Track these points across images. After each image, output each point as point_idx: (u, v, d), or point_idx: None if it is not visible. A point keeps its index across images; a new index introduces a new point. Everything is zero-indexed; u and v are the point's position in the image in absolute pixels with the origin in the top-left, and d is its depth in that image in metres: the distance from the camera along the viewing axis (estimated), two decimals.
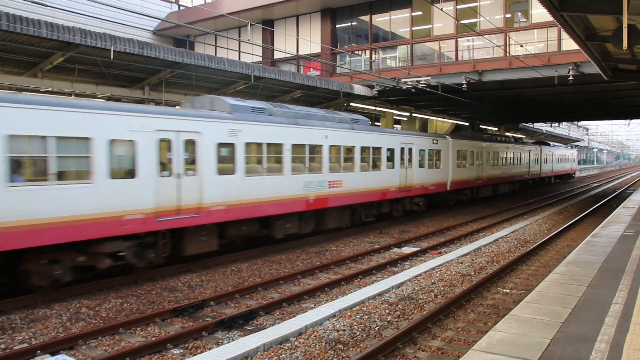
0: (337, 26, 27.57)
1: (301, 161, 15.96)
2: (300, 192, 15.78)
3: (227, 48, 28.13)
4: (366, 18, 26.34)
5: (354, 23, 27.35)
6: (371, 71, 24.52)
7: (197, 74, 17.37)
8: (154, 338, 8.45)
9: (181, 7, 33.94)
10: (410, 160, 21.96)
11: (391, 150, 20.62)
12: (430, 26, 24.44)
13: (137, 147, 11.28)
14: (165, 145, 11.91)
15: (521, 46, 20.45)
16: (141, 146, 11.34)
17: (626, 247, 11.57)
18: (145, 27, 29.21)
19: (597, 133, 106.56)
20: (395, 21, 25.62)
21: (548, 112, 39.23)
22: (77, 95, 15.83)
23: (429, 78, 21.70)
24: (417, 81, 21.85)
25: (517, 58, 20.23)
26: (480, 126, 41.07)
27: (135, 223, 11.23)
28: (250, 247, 15.35)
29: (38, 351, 7.61)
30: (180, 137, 12.19)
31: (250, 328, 8.88)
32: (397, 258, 14.36)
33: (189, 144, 12.43)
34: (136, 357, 7.58)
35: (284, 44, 28.75)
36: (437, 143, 24.65)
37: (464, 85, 21.86)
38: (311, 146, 16.30)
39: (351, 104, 25.64)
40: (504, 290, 11.34)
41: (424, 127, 33.90)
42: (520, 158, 37.79)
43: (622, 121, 57.08)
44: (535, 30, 21.96)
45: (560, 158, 50.97)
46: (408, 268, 13.40)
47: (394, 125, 31.90)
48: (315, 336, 8.15)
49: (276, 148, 15.12)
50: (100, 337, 8.42)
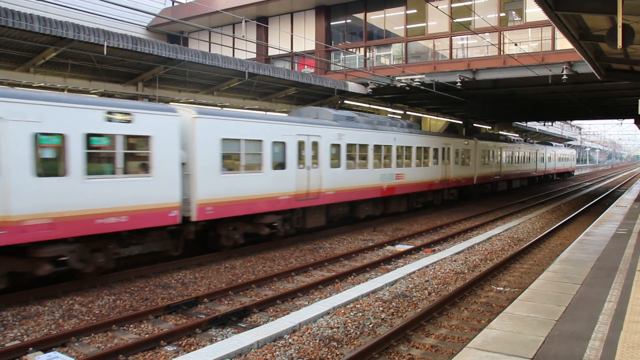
0: (332, 23, 27.52)
1: (378, 158, 20.31)
2: (378, 182, 20.21)
3: (221, 44, 27.99)
4: (361, 16, 26.32)
5: (349, 21, 27.32)
6: (365, 69, 24.52)
7: (191, 71, 17.28)
8: (147, 335, 8.40)
9: (175, 3, 33.77)
10: (449, 157, 26.81)
11: (435, 149, 25.35)
12: (424, 24, 24.44)
13: (286, 147, 15.53)
14: (301, 145, 16.12)
15: (515, 45, 20.48)
16: (288, 146, 15.58)
17: (619, 246, 11.64)
18: (138, 23, 29.04)
19: (590, 132, 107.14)
20: (389, 19, 25.61)
21: (542, 111, 39.39)
22: (70, 90, 15.70)
23: (423, 76, 21.69)
24: (412, 79, 21.84)
25: (512, 57, 20.27)
26: (474, 125, 41.19)
27: (284, 202, 15.47)
28: (245, 245, 15.33)
29: (30, 348, 7.55)
30: (309, 140, 16.49)
31: (244, 325, 8.85)
32: (391, 256, 14.37)
33: (314, 145, 16.68)
34: (129, 354, 7.53)
35: (279, 41, 28.68)
36: (467, 144, 29.63)
37: (458, 83, 21.88)
38: (385, 146, 20.82)
39: (345, 102, 25.62)
40: (498, 288, 11.37)
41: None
42: (529, 157, 42.58)
43: (615, 121, 57.63)
44: (529, 29, 22.01)
45: (561, 157, 55.90)
46: (402, 266, 13.41)
47: None
48: (309, 333, 8.14)
49: (363, 148, 19.39)
50: (93, 334, 8.36)
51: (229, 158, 13.84)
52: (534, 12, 21.01)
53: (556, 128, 65.60)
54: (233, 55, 29.08)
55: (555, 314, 6.71)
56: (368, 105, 27.58)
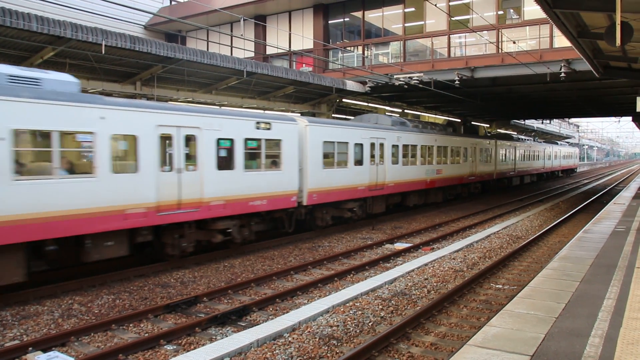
0: (330, 22, 27.51)
1: (424, 156, 24.17)
2: (423, 176, 24.04)
3: (219, 43, 27.96)
4: (359, 14, 26.31)
5: (347, 19, 27.31)
6: (364, 67, 24.51)
7: (189, 69, 17.26)
8: (147, 334, 8.40)
9: (173, 2, 33.71)
10: (475, 156, 30.82)
11: (465, 149, 29.40)
12: (422, 22, 24.45)
13: (363, 147, 19.31)
14: (372, 146, 19.90)
15: (513, 43, 20.50)
16: (364, 147, 19.40)
17: (618, 243, 11.65)
18: (136, 22, 28.95)
19: (588, 130, 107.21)
20: (387, 17, 25.61)
21: (540, 109, 39.43)
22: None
23: (422, 74, 21.70)
24: (410, 77, 21.85)
25: (510, 55, 20.29)
26: (472, 123, 41.23)
27: (361, 192, 19.16)
28: (242, 244, 15.33)
29: (30, 348, 7.53)
30: (378, 141, 20.32)
31: (243, 324, 8.85)
32: (390, 254, 14.37)
33: (381, 146, 20.50)
34: (129, 354, 7.53)
35: (277, 40, 28.65)
36: (489, 144, 33.61)
37: (457, 81, 21.90)
38: (429, 146, 24.60)
39: (344, 100, 25.62)
40: (497, 285, 11.38)
41: None
42: (538, 155, 46.63)
43: (613, 118, 57.93)
44: (527, 27, 22.04)
45: (565, 155, 60.01)
46: (401, 264, 13.41)
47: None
48: (308, 332, 8.14)
49: (414, 148, 23.20)
50: (92, 334, 8.35)
51: (327, 157, 17.56)
52: (532, 10, 21.02)
53: (554, 126, 65.68)
54: (231, 54, 29.02)
55: (554, 311, 6.72)
56: (366, 103, 27.58)
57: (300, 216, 16.86)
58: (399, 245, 16.10)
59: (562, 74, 19.82)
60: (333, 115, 26.30)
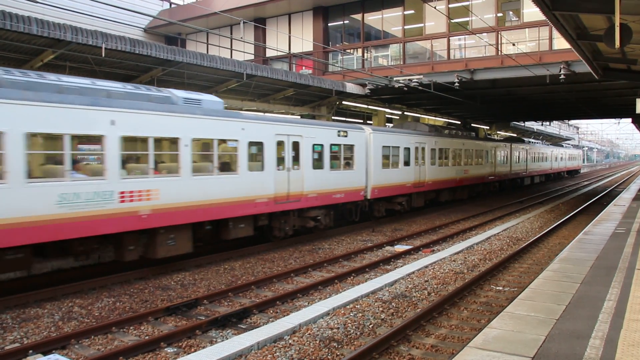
0: (329, 24, 27.53)
1: (454, 158, 27.50)
2: (454, 175, 27.41)
3: (219, 46, 28.01)
4: (358, 16, 26.32)
5: (346, 21, 27.33)
6: (363, 69, 24.52)
7: (189, 72, 17.28)
8: (147, 337, 8.40)
9: (173, 5, 33.76)
10: (495, 158, 34.36)
11: (487, 151, 32.86)
12: (422, 25, 24.46)
13: (410, 151, 22.73)
14: (416, 149, 23.29)
15: (513, 45, 20.51)
16: (411, 150, 22.83)
17: (618, 245, 11.65)
18: (136, 25, 29.01)
19: (587, 132, 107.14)
20: (387, 20, 25.63)
21: (539, 111, 39.46)
22: None
23: (421, 76, 21.72)
24: (410, 79, 21.87)
25: (509, 57, 20.30)
26: (472, 125, 41.25)
27: (407, 188, 22.51)
28: (243, 246, 15.32)
29: (30, 351, 7.53)
30: (420, 145, 23.65)
31: (244, 326, 8.85)
32: (390, 256, 14.37)
33: (422, 149, 23.85)
34: (129, 356, 7.52)
35: (276, 42, 28.68)
36: (506, 147, 37.10)
37: (456, 83, 21.91)
38: (458, 150, 28.03)
39: (343, 102, 25.63)
40: (497, 287, 11.38)
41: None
42: (546, 157, 49.88)
43: (612, 120, 58.01)
44: (527, 29, 22.05)
45: (570, 157, 63.31)
46: (401, 266, 13.41)
47: (386, 123, 32.02)
48: (309, 334, 8.14)
49: (446, 151, 26.64)
50: (93, 336, 8.35)
51: (384, 159, 20.67)
52: (532, 12, 21.04)
53: (554, 128, 65.77)
54: (231, 56, 29.10)
55: (555, 313, 6.72)
56: (366, 106, 27.59)
57: (364, 208, 20.17)
58: (399, 247, 16.10)
59: (562, 76, 19.84)
60: (333, 117, 26.32)
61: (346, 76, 24.35)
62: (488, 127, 46.26)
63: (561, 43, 19.65)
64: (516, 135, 54.08)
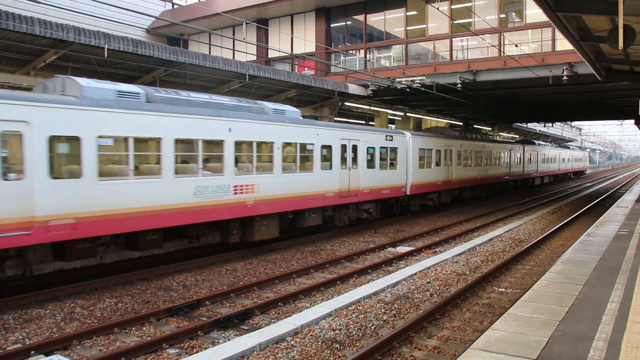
0: (332, 25, 27.53)
1: (476, 159, 30.07)
2: (475, 175, 29.95)
3: (222, 47, 28.01)
4: (361, 17, 26.32)
5: (349, 22, 27.33)
6: (366, 71, 24.51)
7: (192, 73, 17.28)
8: (149, 338, 8.39)
9: (175, 6, 33.79)
10: (510, 159, 36.73)
11: (503, 153, 35.02)
12: (424, 26, 24.44)
13: (440, 152, 25.10)
14: (446, 151, 25.88)
15: (516, 46, 20.49)
16: (441, 152, 25.27)
17: (621, 246, 11.62)
18: (139, 26, 29.05)
19: (590, 133, 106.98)
20: (389, 21, 25.62)
21: (542, 112, 39.39)
22: None
23: (424, 78, 21.70)
24: (412, 81, 21.85)
25: (512, 58, 20.26)
26: (474, 126, 41.23)
27: (438, 186, 24.83)
28: (244, 247, 15.32)
29: (32, 351, 7.53)
30: (449, 148, 26.34)
31: (246, 327, 8.84)
32: (392, 257, 14.35)
33: (450, 151, 26.34)
34: (131, 357, 7.51)
35: (279, 43, 28.69)
36: (519, 149, 39.62)
37: (459, 85, 21.87)
38: (479, 151, 30.47)
39: (345, 104, 25.62)
40: (500, 289, 11.35)
41: (418, 127, 33.95)
42: (555, 158, 52.55)
43: (615, 121, 57.83)
44: (529, 30, 22.02)
45: (577, 158, 65.80)
46: (403, 267, 13.39)
47: (389, 124, 32.03)
48: (311, 335, 8.12)
49: (470, 152, 29.16)
50: (94, 337, 8.35)
51: (420, 159, 22.99)
52: (534, 13, 21.01)
53: (556, 129, 65.68)
54: (233, 57, 29.09)
55: (558, 315, 6.69)
56: (368, 107, 27.57)
57: (404, 203, 22.67)
58: (402, 248, 16.08)
59: (565, 77, 19.78)
60: (335, 118, 26.30)
61: (348, 77, 24.34)
62: (490, 128, 46.20)
63: (564, 44, 19.63)
64: (518, 136, 53.95)
